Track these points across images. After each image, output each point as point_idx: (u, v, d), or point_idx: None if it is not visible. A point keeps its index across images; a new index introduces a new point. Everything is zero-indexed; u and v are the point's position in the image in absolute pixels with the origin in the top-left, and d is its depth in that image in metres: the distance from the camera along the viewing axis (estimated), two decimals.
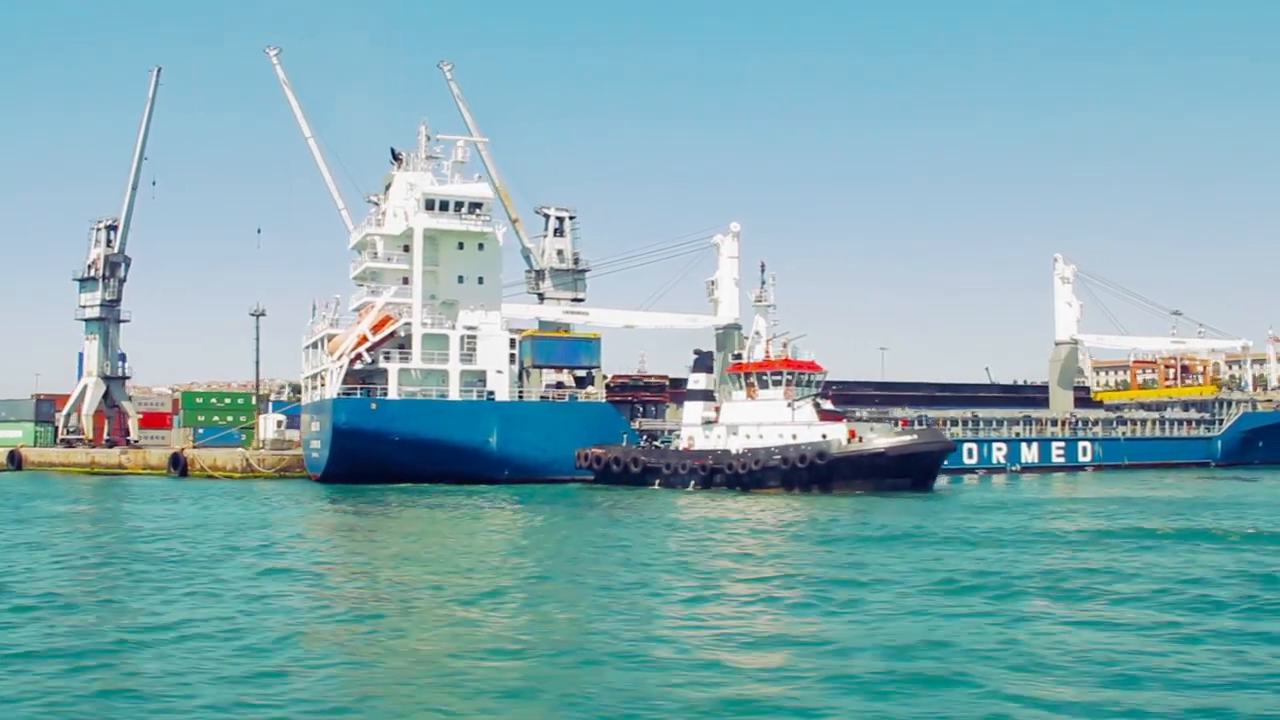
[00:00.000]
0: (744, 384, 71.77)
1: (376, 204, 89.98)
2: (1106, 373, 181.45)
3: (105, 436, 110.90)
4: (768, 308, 73.23)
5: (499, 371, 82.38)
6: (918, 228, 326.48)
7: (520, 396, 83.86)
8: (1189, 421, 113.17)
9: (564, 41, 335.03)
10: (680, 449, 74.51)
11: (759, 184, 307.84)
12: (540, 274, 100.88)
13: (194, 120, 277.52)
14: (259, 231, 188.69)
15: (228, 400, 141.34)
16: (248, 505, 61.33)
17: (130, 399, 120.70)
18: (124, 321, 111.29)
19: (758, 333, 73.16)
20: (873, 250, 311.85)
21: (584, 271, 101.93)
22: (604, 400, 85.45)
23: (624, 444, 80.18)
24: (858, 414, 76.96)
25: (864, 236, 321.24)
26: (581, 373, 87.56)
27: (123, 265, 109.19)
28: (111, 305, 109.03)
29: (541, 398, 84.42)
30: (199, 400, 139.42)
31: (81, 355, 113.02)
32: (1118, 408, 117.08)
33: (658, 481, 71.76)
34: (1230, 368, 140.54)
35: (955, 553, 36.26)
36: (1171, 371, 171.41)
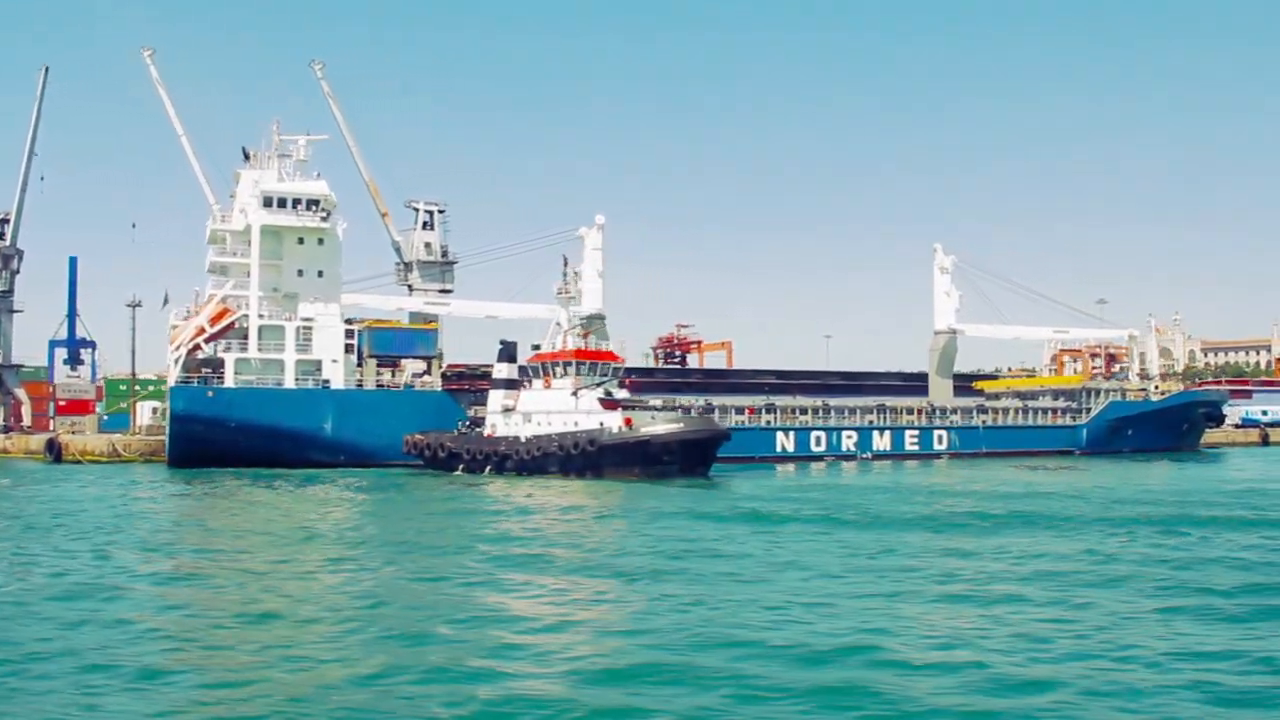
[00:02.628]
0: (542, 373, 74.88)
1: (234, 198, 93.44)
2: (1080, 361, 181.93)
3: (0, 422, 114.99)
4: (569, 300, 76.23)
5: (334, 361, 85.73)
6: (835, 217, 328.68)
7: (359, 385, 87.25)
8: (1055, 410, 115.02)
9: (437, 35, 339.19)
10: (484, 435, 77.70)
11: (631, 177, 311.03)
12: (409, 266, 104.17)
13: (83, 115, 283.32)
14: (134, 226, 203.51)
15: (151, 387, 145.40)
16: (67, 487, 64.74)
17: (84, 377, 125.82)
18: (17, 311, 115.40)
19: (558, 323, 76.18)
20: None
21: (452, 264, 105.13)
22: (439, 388, 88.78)
23: (457, 431, 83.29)
24: (650, 401, 79.86)
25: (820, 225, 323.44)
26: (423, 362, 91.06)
27: (16, 258, 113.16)
28: (4, 296, 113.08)
29: (378, 385, 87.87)
30: (122, 388, 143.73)
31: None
32: (996, 396, 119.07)
33: (461, 467, 74.96)
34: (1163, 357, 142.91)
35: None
36: (1097, 360, 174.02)
